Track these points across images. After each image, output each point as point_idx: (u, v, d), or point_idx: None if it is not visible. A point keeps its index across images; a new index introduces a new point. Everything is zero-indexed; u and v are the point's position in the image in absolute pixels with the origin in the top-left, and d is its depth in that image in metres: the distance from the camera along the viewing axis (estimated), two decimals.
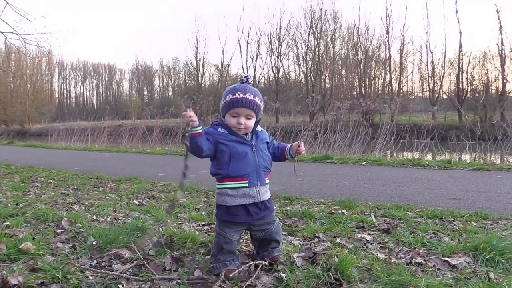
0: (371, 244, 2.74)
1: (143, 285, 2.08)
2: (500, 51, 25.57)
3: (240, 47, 37.12)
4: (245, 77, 2.23)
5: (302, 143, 2.34)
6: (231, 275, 2.09)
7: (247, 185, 2.17)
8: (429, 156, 10.82)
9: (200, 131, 2.08)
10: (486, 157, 9.51)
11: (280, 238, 2.41)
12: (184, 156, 2.11)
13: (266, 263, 2.25)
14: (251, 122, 2.21)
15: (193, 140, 2.08)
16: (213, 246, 2.29)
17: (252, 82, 2.27)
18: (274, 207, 2.43)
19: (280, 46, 36.27)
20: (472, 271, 2.18)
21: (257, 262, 2.23)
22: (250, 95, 2.17)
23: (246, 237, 2.77)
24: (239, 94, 2.16)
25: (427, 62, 31.32)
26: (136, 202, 4.43)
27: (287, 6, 54.83)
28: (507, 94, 25.40)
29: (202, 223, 3.37)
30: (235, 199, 2.17)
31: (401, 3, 49.52)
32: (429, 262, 2.32)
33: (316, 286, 2.00)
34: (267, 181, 2.28)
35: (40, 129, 39.47)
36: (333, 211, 3.69)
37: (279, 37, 35.94)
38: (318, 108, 27.73)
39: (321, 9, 34.37)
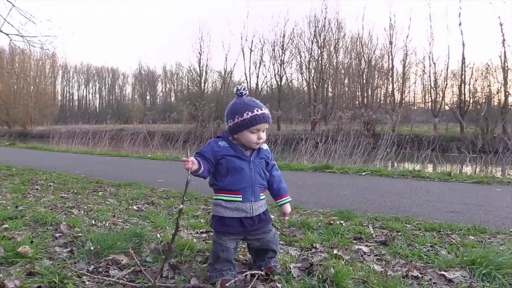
0: (368, 256, 2.75)
1: None
2: (502, 64, 25.61)
3: (243, 54, 37.15)
4: (243, 89, 2.27)
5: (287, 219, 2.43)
6: (227, 285, 2.09)
7: (241, 199, 2.19)
8: (429, 168, 10.82)
9: (201, 171, 2.14)
10: (487, 170, 9.50)
11: (277, 248, 2.41)
12: (185, 187, 2.12)
13: (263, 273, 2.25)
14: (265, 135, 2.26)
15: (197, 176, 2.16)
16: (210, 255, 2.30)
17: (248, 93, 2.30)
18: (271, 218, 2.43)
19: (283, 54, 36.36)
20: (468, 286, 2.18)
21: (253, 272, 2.23)
22: (265, 109, 2.22)
23: (243, 245, 2.78)
24: (257, 111, 2.18)
25: (429, 73, 31.31)
26: (135, 207, 4.44)
27: (291, 15, 55.00)
28: (509, 107, 25.41)
29: (200, 230, 3.38)
30: (228, 211, 2.19)
31: (405, 14, 49.76)
32: (425, 275, 2.33)
33: None
34: (262, 197, 2.30)
35: (42, 131, 39.54)
36: (332, 222, 3.69)
37: (283, 45, 36.04)
38: (320, 117, 27.82)
39: (325, 18, 34.50)
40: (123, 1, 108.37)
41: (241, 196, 2.19)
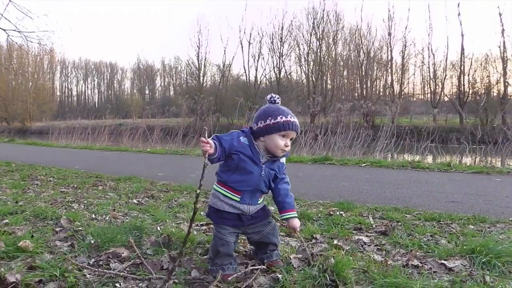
0: (368, 246, 2.75)
1: (140, 284, 2.09)
2: (502, 54, 25.65)
3: (242, 47, 37.15)
4: (277, 97, 2.25)
5: (298, 230, 2.36)
6: (229, 279, 2.09)
7: (238, 200, 2.17)
8: (429, 159, 10.82)
9: (214, 157, 2.09)
10: (486, 160, 9.51)
11: (278, 240, 2.40)
12: (202, 171, 2.06)
13: (265, 267, 2.26)
14: (290, 145, 2.24)
15: (209, 160, 2.09)
16: (210, 249, 2.29)
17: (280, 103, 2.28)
18: (270, 212, 2.41)
19: (282, 47, 36.36)
20: (468, 274, 2.18)
21: (255, 267, 2.24)
22: (296, 119, 2.21)
23: (243, 237, 2.78)
24: (291, 117, 2.17)
25: (428, 64, 31.39)
26: (135, 201, 4.44)
27: (289, 7, 54.76)
28: (509, 97, 25.40)
29: (201, 223, 3.38)
30: (225, 205, 2.18)
31: (403, 5, 49.53)
32: (425, 264, 2.33)
33: (312, 287, 2.01)
34: (260, 201, 2.28)
35: (41, 127, 39.55)
36: (331, 213, 3.69)
37: (281, 38, 36.00)
38: (319, 109, 27.74)
39: (323, 10, 34.45)
40: None
41: (239, 196, 2.17)
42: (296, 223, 2.27)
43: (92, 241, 2.67)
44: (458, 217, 3.53)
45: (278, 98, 2.26)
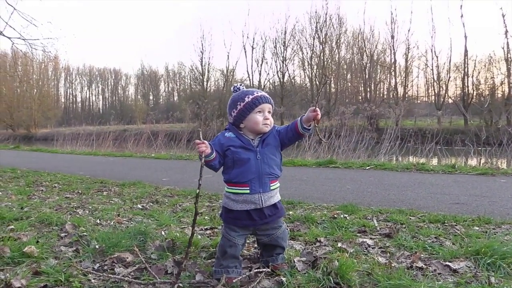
0: (372, 248, 2.75)
1: None
2: (505, 55, 25.54)
3: (245, 52, 37.20)
4: (240, 84, 2.32)
5: (318, 109, 2.15)
6: (233, 281, 2.09)
7: (248, 191, 2.17)
8: (434, 161, 10.77)
9: (213, 157, 2.14)
10: (491, 162, 9.45)
11: (286, 244, 2.41)
12: (200, 170, 2.09)
13: (269, 270, 2.26)
14: (272, 118, 2.25)
15: (207, 164, 2.15)
16: (218, 248, 2.30)
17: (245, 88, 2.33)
18: (284, 211, 2.39)
19: (285, 51, 36.37)
20: (473, 276, 2.18)
21: (260, 270, 2.24)
22: (265, 93, 2.25)
23: (248, 241, 2.78)
24: (257, 93, 2.22)
25: (432, 67, 31.24)
26: (139, 206, 4.46)
27: (292, 11, 54.90)
28: None
29: (205, 227, 3.39)
30: (237, 204, 2.18)
31: (406, 8, 49.48)
32: (430, 266, 2.33)
33: None
34: (273, 187, 2.25)
35: (46, 134, 39.73)
36: (335, 216, 3.69)
37: (284, 42, 36.03)
38: (323, 113, 27.71)
39: (326, 14, 34.44)
40: (125, 2, 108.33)
41: (248, 188, 2.17)
42: (310, 113, 2.17)
43: (97, 246, 2.68)
44: (462, 219, 3.52)
45: (241, 85, 2.31)
